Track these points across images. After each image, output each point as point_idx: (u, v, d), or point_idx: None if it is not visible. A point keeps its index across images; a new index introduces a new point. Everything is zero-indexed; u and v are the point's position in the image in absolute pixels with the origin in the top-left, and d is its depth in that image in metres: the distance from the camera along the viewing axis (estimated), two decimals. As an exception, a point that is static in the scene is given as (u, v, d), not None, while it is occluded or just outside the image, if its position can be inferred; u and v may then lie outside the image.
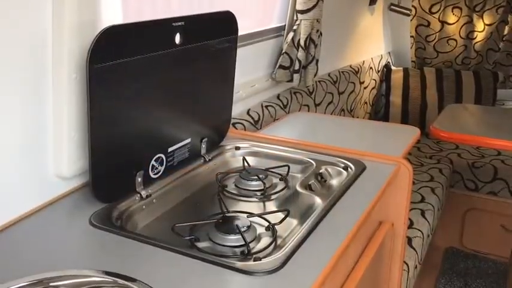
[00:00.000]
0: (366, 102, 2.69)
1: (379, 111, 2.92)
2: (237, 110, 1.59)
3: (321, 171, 1.18)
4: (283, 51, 1.75)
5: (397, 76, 2.84)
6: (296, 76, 1.75)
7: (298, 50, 1.75)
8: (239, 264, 0.81)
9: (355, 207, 0.99)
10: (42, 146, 0.96)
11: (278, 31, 1.81)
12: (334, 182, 1.16)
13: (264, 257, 0.85)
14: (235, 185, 1.17)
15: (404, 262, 1.54)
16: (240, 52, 1.34)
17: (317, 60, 1.80)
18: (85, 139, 1.00)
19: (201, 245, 0.92)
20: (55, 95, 0.95)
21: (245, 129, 1.58)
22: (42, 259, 0.80)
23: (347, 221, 0.94)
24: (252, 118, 1.64)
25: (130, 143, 1.00)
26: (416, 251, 1.67)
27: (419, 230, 1.78)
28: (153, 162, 1.07)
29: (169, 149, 1.12)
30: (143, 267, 0.79)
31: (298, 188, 1.10)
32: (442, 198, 2.16)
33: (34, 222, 0.91)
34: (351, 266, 0.99)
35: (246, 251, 0.88)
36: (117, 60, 0.91)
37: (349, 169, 1.17)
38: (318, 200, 1.04)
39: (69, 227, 0.91)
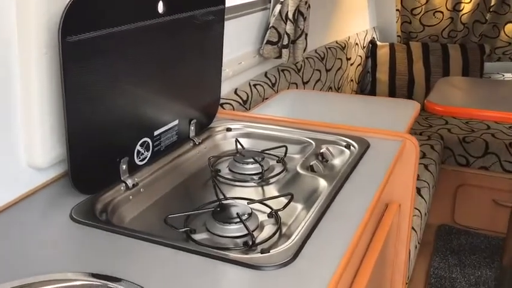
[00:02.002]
0: (352, 80, 2.61)
1: (366, 89, 2.85)
2: (224, 89, 1.49)
3: (321, 150, 1.09)
4: (271, 25, 1.65)
5: (383, 52, 2.77)
6: (285, 52, 1.65)
7: (286, 24, 1.64)
8: (245, 257, 0.72)
9: (364, 189, 0.91)
10: (11, 133, 0.85)
11: (264, 3, 1.70)
12: (337, 161, 1.07)
13: (271, 247, 0.76)
14: (230, 169, 1.07)
15: (406, 243, 1.48)
16: (225, 27, 1.23)
17: (306, 34, 1.70)
18: (61, 123, 0.88)
19: (198, 237, 0.83)
20: (23, 74, 0.83)
21: (234, 110, 1.48)
22: (18, 263, 0.69)
23: (358, 205, 0.85)
24: (241, 98, 1.53)
25: (112, 126, 0.89)
26: (416, 231, 1.61)
27: (416, 209, 1.72)
28: (138, 147, 0.97)
29: (156, 132, 1.02)
30: (134, 266, 0.69)
31: (300, 170, 1.01)
32: (436, 175, 2.10)
33: (6, 220, 0.80)
34: (363, 253, 0.91)
35: (251, 242, 0.79)
36: (93, 31, 0.80)
37: (351, 147, 1.09)
38: (322, 182, 0.95)
39: (47, 223, 0.80)
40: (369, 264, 0.88)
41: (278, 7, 1.65)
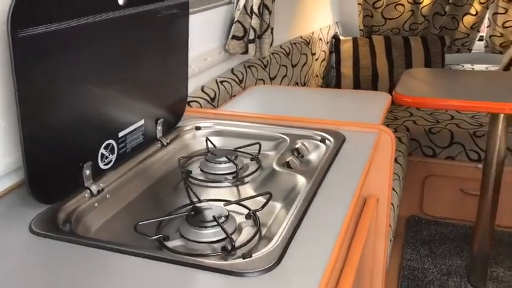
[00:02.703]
0: (317, 75, 2.59)
1: (330, 83, 2.84)
2: (190, 87, 1.43)
3: (297, 146, 1.05)
4: (236, 19, 1.60)
5: (346, 46, 2.76)
6: (251, 46, 1.60)
7: (251, 18, 1.60)
8: (225, 263, 0.66)
9: (344, 184, 0.87)
10: (-42, 140, 0.77)
11: (228, -2, 1.65)
12: (313, 157, 1.03)
13: (252, 251, 0.71)
14: (202, 170, 1.02)
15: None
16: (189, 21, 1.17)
17: (272, 29, 1.66)
18: (15, 127, 0.81)
19: (172, 244, 0.77)
20: (-30, 74, 0.75)
21: (202, 108, 1.42)
22: (-30, 285, 0.62)
23: (340, 201, 0.81)
24: (208, 95, 1.48)
25: (72, 128, 0.82)
26: (390, 225, 1.59)
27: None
28: (102, 150, 0.90)
29: (120, 134, 0.95)
30: (102, 279, 0.63)
31: (276, 167, 0.96)
32: (405, 167, 2.11)
33: (-44, 237, 0.72)
34: (346, 251, 0.87)
35: (230, 246, 0.73)
36: (47, 25, 0.72)
37: (327, 141, 1.05)
38: (300, 179, 0.91)
39: (4, 238, 0.73)
40: (353, 262, 0.84)
41: (243, 1, 1.60)
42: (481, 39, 3.00)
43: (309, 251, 0.68)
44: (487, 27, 2.91)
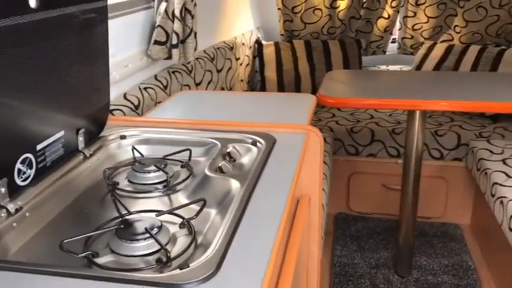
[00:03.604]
0: (242, 80, 2.60)
1: (255, 88, 2.86)
2: (112, 94, 1.37)
3: (228, 150, 1.03)
4: (157, 24, 1.55)
5: (269, 51, 2.80)
6: (175, 51, 1.57)
7: (173, 22, 1.56)
8: (160, 276, 0.63)
9: (278, 186, 0.87)
10: None
11: (147, 2, 1.60)
12: (245, 160, 1.02)
13: (188, 261, 0.68)
14: (129, 181, 0.97)
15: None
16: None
17: (195, 33, 1.64)
18: None
19: (102, 260, 0.72)
20: None
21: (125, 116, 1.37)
22: None
23: (274, 203, 0.81)
24: (131, 103, 1.42)
25: (-17, 143, 0.75)
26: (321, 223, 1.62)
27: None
28: (18, 165, 0.83)
29: (38, 147, 0.88)
30: (30, 307, 0.57)
31: (208, 172, 0.94)
32: (331, 166, 2.17)
33: None
34: (283, 251, 0.87)
35: (165, 258, 0.70)
36: None
37: (258, 144, 1.05)
38: (234, 183, 0.89)
39: None
40: (290, 263, 0.84)
41: (163, 5, 1.56)
42: (393, 42, 3.17)
43: (247, 256, 0.67)
44: (399, 29, 3.08)
